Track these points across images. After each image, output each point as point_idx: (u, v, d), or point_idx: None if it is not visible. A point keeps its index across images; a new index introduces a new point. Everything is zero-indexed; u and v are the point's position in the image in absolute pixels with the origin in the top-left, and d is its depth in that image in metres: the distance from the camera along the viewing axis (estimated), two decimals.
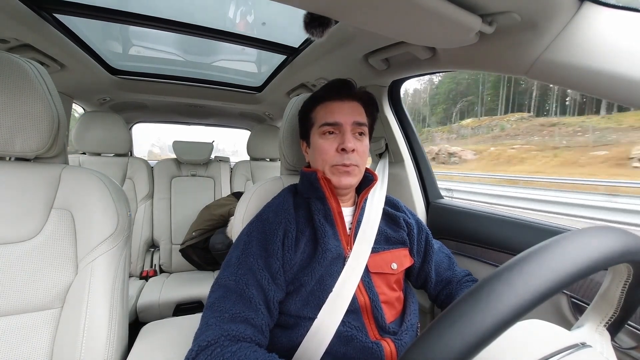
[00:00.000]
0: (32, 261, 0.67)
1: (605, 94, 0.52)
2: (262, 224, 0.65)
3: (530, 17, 0.54)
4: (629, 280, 0.38)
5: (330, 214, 0.68)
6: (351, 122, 0.67)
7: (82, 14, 0.92)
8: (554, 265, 0.27)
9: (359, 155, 0.68)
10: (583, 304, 0.67)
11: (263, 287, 0.58)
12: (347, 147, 0.65)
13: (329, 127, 0.67)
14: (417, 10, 0.51)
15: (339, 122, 0.67)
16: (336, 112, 0.68)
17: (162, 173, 1.89)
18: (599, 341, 0.39)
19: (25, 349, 0.64)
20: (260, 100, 1.77)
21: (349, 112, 0.68)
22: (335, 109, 0.68)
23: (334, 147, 0.67)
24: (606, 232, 0.31)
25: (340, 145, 0.66)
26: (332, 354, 0.59)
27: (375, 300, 0.64)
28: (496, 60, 0.67)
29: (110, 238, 0.72)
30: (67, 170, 0.74)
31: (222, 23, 1.05)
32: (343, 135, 0.67)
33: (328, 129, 0.68)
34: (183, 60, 1.42)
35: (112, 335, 0.69)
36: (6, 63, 0.64)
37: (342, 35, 0.86)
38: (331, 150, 0.67)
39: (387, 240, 0.73)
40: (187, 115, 2.30)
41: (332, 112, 0.68)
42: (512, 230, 0.84)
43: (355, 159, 0.67)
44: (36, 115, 0.66)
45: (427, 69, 0.87)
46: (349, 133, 0.67)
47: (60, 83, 1.30)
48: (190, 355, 0.51)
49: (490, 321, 0.24)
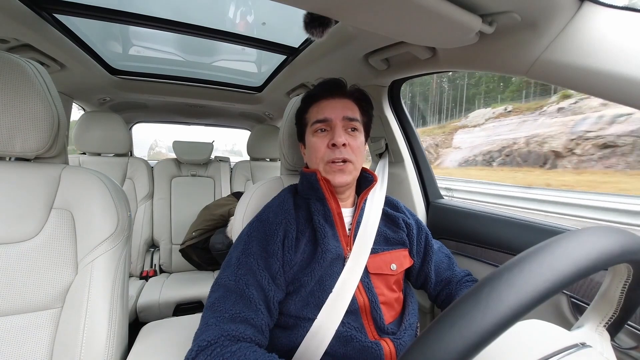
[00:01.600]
0: (32, 261, 0.67)
1: (605, 94, 0.52)
2: (262, 224, 0.65)
3: (530, 17, 0.54)
4: (629, 280, 0.38)
5: (330, 214, 0.68)
6: (341, 117, 0.67)
7: (82, 14, 0.92)
8: (554, 265, 0.27)
9: (352, 150, 0.67)
10: (583, 304, 0.67)
11: (263, 288, 0.58)
12: (337, 141, 0.65)
13: (320, 124, 0.68)
14: (417, 10, 0.51)
15: (328, 117, 0.67)
16: (326, 109, 0.68)
17: (162, 173, 1.89)
18: (599, 341, 0.39)
19: (25, 349, 0.64)
20: (260, 100, 1.77)
21: (339, 108, 0.68)
22: (325, 107, 0.69)
23: (325, 144, 0.67)
24: (606, 232, 0.31)
25: (331, 140, 0.66)
26: (332, 354, 0.59)
27: (374, 301, 0.64)
28: (496, 60, 0.67)
29: (110, 238, 0.72)
30: (67, 170, 0.74)
31: (222, 23, 1.05)
32: (333, 130, 0.67)
33: (320, 127, 0.68)
34: (183, 60, 1.42)
35: (112, 335, 0.69)
36: (6, 63, 0.64)
37: (342, 35, 0.86)
38: (323, 146, 0.67)
39: (387, 241, 0.73)
40: (187, 115, 2.30)
41: (322, 109, 0.69)
42: (512, 230, 0.84)
43: (348, 153, 0.66)
44: (36, 115, 0.66)
45: (427, 69, 0.87)
46: (340, 128, 0.67)
47: (60, 83, 1.30)
48: (190, 355, 0.51)
49: (490, 321, 0.24)
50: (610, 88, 0.50)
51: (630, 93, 0.48)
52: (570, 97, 17.99)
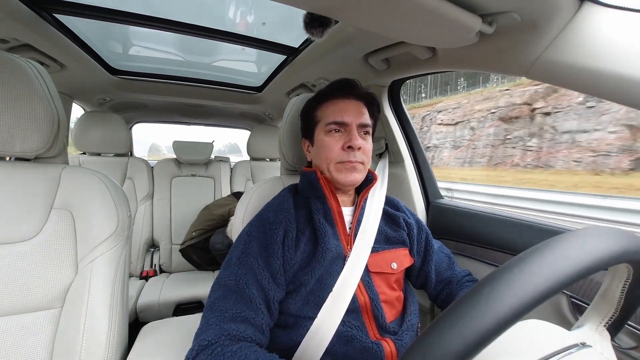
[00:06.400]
0: (32, 261, 0.67)
1: (605, 94, 0.52)
2: (262, 223, 0.65)
3: (530, 17, 0.54)
4: (629, 280, 0.38)
5: (330, 213, 0.68)
6: (357, 123, 0.68)
7: (82, 14, 0.92)
8: (554, 266, 0.27)
9: (365, 153, 0.69)
10: (583, 304, 0.67)
11: (263, 287, 0.58)
12: (354, 144, 0.66)
13: (336, 125, 0.68)
14: (417, 10, 0.51)
15: (346, 122, 0.68)
16: (343, 111, 0.69)
17: (162, 173, 1.89)
18: (599, 341, 0.39)
19: (25, 349, 0.64)
20: (260, 100, 1.77)
21: (355, 112, 0.69)
22: (342, 108, 0.69)
23: (340, 145, 0.68)
24: (606, 232, 0.31)
25: (347, 143, 0.67)
26: (332, 354, 0.59)
27: (375, 300, 0.64)
28: (496, 60, 0.67)
29: (110, 238, 0.72)
30: (67, 170, 0.74)
31: (222, 23, 1.05)
32: (349, 133, 0.68)
33: (335, 127, 0.69)
34: (183, 60, 1.42)
35: (112, 335, 0.69)
36: (6, 63, 0.64)
37: (342, 35, 0.86)
38: (337, 147, 0.68)
39: (387, 239, 0.73)
40: (187, 115, 2.30)
41: (339, 110, 0.69)
42: (512, 230, 0.84)
43: (361, 156, 0.68)
44: (36, 115, 0.66)
45: (427, 69, 0.87)
46: (355, 132, 0.68)
47: (60, 83, 1.30)
48: (190, 355, 0.51)
49: (491, 321, 0.24)
50: (610, 88, 0.50)
51: (630, 93, 0.48)
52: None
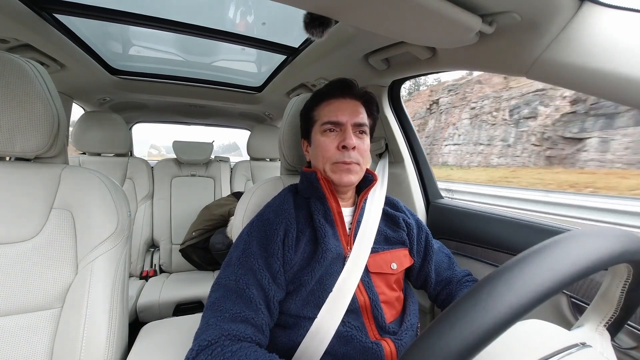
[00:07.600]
0: (32, 261, 0.67)
1: (605, 94, 0.52)
2: (262, 224, 0.65)
3: (530, 17, 0.54)
4: (629, 280, 0.38)
5: (330, 214, 0.68)
6: (352, 122, 0.68)
7: (82, 14, 0.92)
8: (553, 266, 0.27)
9: (360, 153, 0.68)
10: (583, 304, 0.67)
11: (263, 287, 0.58)
12: (348, 143, 0.66)
13: (331, 125, 0.68)
14: (417, 10, 0.51)
15: (341, 121, 0.67)
16: (338, 110, 0.68)
17: (162, 173, 1.89)
18: (599, 341, 0.39)
19: (25, 349, 0.64)
20: (260, 100, 1.77)
21: (350, 112, 0.69)
22: (337, 108, 0.69)
23: (335, 145, 0.67)
24: (606, 232, 0.31)
25: (342, 142, 0.66)
26: (332, 354, 0.59)
27: (375, 300, 0.64)
28: (496, 60, 0.67)
29: (110, 238, 0.72)
30: (67, 170, 0.74)
31: (222, 23, 1.04)
32: (344, 132, 0.67)
33: (329, 127, 0.68)
34: (183, 60, 1.42)
35: (112, 335, 0.69)
36: (6, 63, 0.64)
37: (342, 35, 0.86)
38: (332, 147, 0.68)
39: (387, 240, 0.73)
40: (187, 115, 2.30)
41: (334, 110, 0.69)
42: (512, 230, 0.84)
43: (356, 156, 0.67)
44: (36, 115, 0.66)
45: (427, 69, 0.87)
46: (350, 131, 0.67)
47: (60, 83, 1.30)
48: (190, 355, 0.51)
49: (490, 321, 0.24)
50: (611, 88, 0.50)
51: (630, 93, 0.48)
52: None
